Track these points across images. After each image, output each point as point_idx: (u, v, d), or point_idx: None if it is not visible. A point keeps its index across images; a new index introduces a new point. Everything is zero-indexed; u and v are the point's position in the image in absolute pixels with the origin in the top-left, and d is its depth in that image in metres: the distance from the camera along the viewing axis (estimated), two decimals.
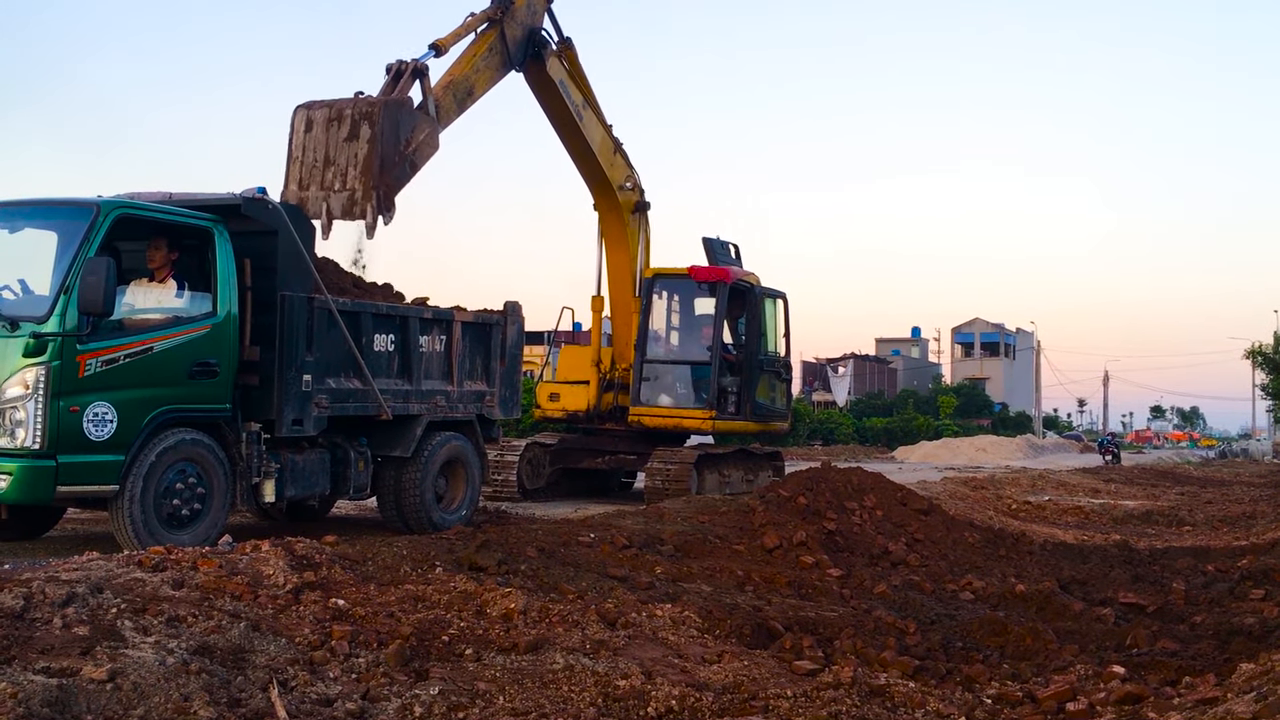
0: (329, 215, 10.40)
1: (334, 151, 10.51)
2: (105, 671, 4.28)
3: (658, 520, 10.27)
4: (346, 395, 9.86)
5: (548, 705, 4.78)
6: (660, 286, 15.99)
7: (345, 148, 10.47)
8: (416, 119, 10.98)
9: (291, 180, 10.65)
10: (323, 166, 10.51)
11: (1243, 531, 14.54)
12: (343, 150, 10.48)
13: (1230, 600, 8.46)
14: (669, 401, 15.63)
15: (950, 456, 39.85)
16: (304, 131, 10.66)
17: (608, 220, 15.41)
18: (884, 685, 5.38)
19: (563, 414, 16.01)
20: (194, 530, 8.53)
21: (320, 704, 4.58)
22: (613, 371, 15.85)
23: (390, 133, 10.54)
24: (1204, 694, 5.02)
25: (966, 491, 18.24)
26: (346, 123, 10.52)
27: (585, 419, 15.93)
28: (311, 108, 10.72)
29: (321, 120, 10.62)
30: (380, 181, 10.40)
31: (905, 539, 10.50)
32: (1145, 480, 27.14)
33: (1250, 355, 52.57)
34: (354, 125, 10.49)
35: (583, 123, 14.20)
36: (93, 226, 8.11)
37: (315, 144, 10.57)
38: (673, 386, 15.76)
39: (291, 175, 10.66)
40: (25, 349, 7.79)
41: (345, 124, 10.52)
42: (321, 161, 10.53)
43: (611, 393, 15.86)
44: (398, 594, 6.24)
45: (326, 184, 10.46)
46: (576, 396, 15.92)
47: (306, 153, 10.60)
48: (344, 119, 10.53)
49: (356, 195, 10.33)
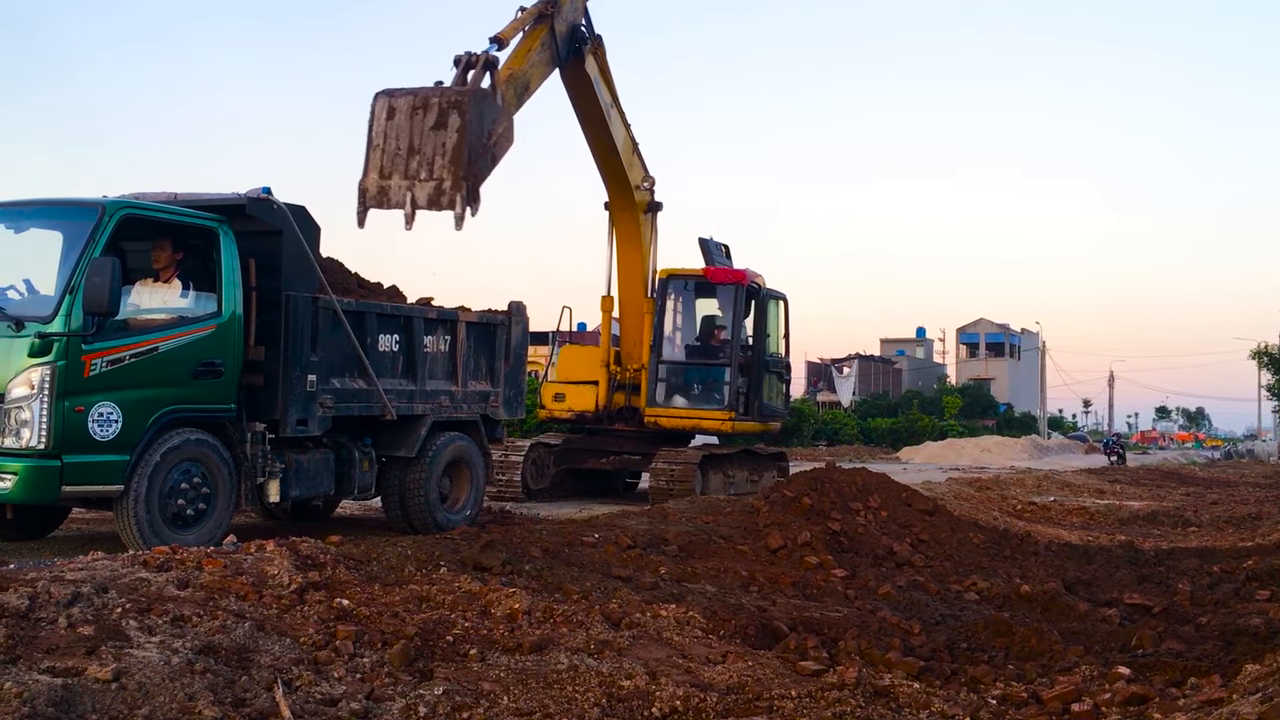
0: (413, 205, 10.09)
1: (419, 140, 10.16)
2: (110, 671, 4.29)
3: (662, 521, 10.27)
4: (351, 395, 9.86)
5: (552, 706, 4.78)
6: (674, 287, 16.01)
7: (432, 137, 10.14)
8: (497, 111, 10.73)
9: (372, 169, 10.30)
10: (406, 155, 10.18)
11: (1248, 532, 14.51)
12: (429, 139, 10.14)
13: (1236, 601, 8.44)
14: (687, 403, 15.73)
15: (955, 457, 39.79)
16: (385, 119, 10.29)
17: (621, 219, 15.34)
18: (889, 686, 5.38)
19: (570, 414, 16.00)
20: (199, 530, 8.54)
21: (325, 704, 4.58)
22: (624, 372, 15.82)
23: (477, 123, 10.26)
24: (1209, 695, 5.01)
25: (971, 492, 18.22)
26: (434, 111, 10.19)
27: (594, 419, 15.92)
28: (394, 95, 10.37)
29: (405, 108, 10.27)
30: (469, 172, 10.12)
31: (910, 540, 10.50)
32: (1150, 481, 27.10)
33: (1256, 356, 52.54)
34: (441, 114, 10.17)
35: (610, 121, 14.08)
36: (98, 227, 8.12)
37: (399, 132, 10.21)
38: (691, 387, 15.87)
39: (372, 163, 10.31)
40: (30, 349, 7.80)
41: (432, 112, 10.19)
42: (405, 150, 10.19)
43: (621, 393, 15.84)
44: (402, 594, 6.25)
45: (411, 173, 10.14)
46: (584, 396, 15.91)
47: (388, 140, 10.24)
48: (430, 107, 10.20)
49: (444, 185, 10.01)
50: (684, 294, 16.28)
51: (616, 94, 14.27)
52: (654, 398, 15.56)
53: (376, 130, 10.32)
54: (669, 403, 15.63)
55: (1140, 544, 12.55)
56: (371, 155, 10.33)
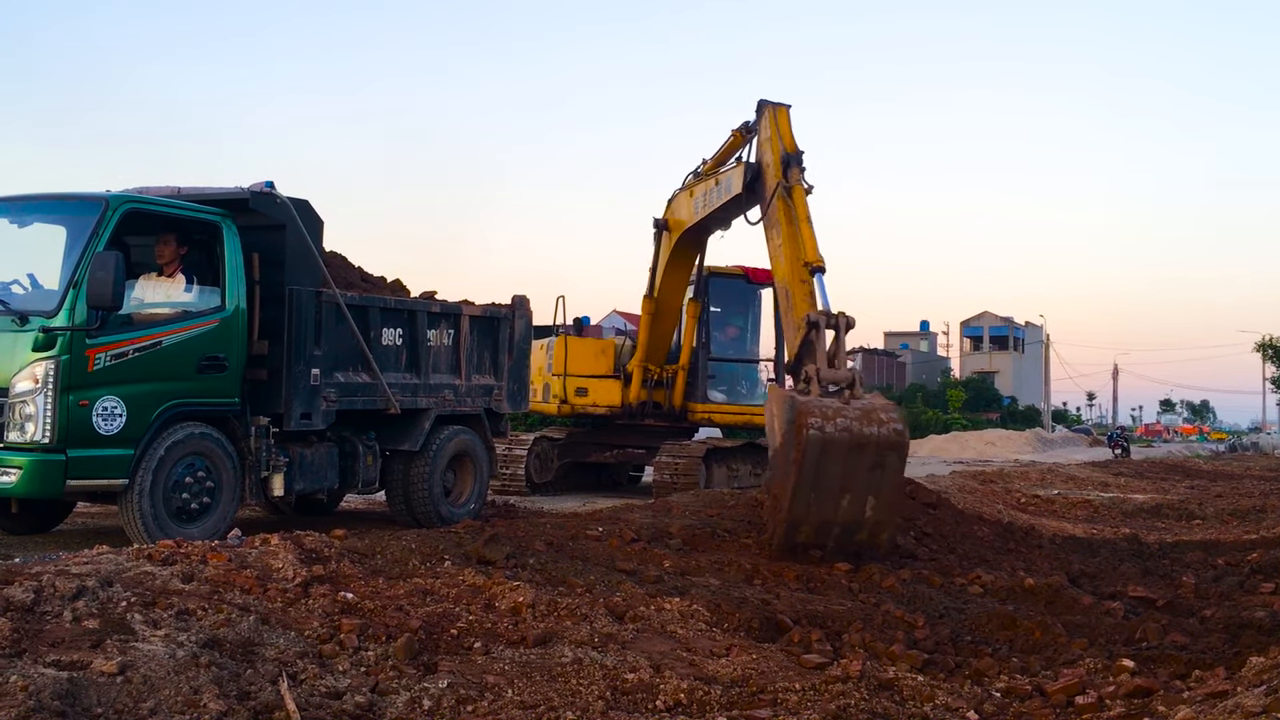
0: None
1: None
2: (115, 665, 4.29)
3: (666, 514, 10.27)
4: (354, 389, 9.87)
5: (556, 698, 4.78)
6: (714, 286, 16.16)
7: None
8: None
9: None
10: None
11: (1253, 525, 14.49)
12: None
13: (1240, 594, 8.44)
14: (735, 399, 16.20)
15: (959, 450, 39.81)
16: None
17: (700, 242, 15.12)
18: (892, 679, 5.38)
19: (597, 409, 15.99)
20: (203, 524, 8.56)
21: (329, 697, 4.58)
22: (660, 370, 15.88)
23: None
24: (1214, 688, 5.00)
25: (975, 485, 18.21)
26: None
27: (624, 414, 15.95)
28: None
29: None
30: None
31: (914, 533, 10.47)
32: (1155, 474, 27.05)
33: (1261, 348, 52.53)
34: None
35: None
36: (101, 221, 8.13)
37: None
38: (739, 383, 16.40)
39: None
40: (34, 343, 7.81)
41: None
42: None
43: (646, 389, 15.88)
44: (406, 587, 6.25)
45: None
46: (609, 391, 15.94)
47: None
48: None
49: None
50: (725, 292, 16.46)
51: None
52: (703, 394, 15.84)
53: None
54: (716, 399, 15.99)
55: (1145, 537, 12.53)
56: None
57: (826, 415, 8.65)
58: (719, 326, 16.30)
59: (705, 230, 14.21)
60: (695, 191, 13.55)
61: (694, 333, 15.89)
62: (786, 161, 10.87)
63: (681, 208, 14.12)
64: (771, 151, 11.07)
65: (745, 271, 16.31)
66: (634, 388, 15.82)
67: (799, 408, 8.65)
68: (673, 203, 14.45)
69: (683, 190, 14.05)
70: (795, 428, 8.56)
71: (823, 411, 8.67)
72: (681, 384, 15.84)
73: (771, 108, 11.35)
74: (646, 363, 15.79)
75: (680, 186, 14.16)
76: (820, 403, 8.87)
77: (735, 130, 12.37)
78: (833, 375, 9.44)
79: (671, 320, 15.93)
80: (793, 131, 11.20)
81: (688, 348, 15.90)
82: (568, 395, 16.04)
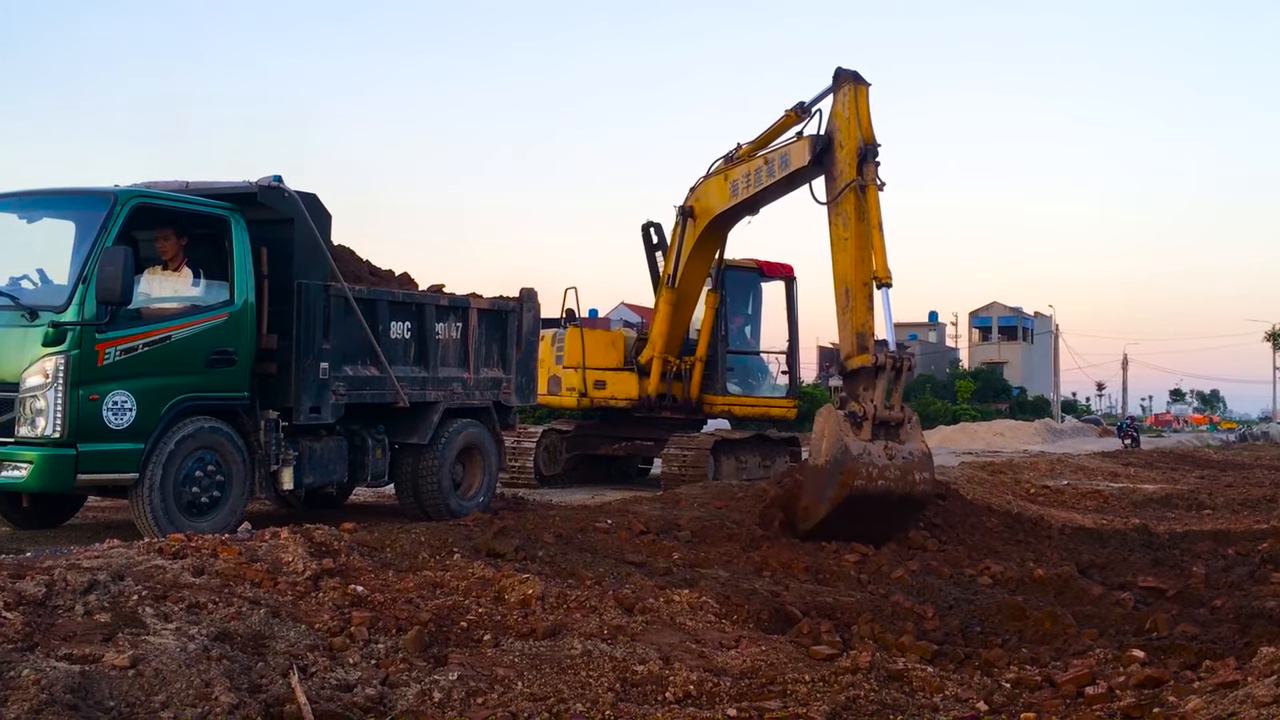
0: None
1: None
2: (127, 658, 4.31)
3: (675, 506, 10.28)
4: (363, 383, 9.89)
5: (566, 690, 4.79)
6: (730, 279, 16.12)
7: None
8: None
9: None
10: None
11: (1263, 515, 14.44)
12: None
13: (1251, 584, 8.42)
14: (752, 391, 16.34)
15: (968, 441, 39.74)
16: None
17: (724, 231, 15.11)
18: (902, 670, 5.38)
19: (616, 401, 15.90)
20: (213, 518, 8.58)
21: (340, 690, 4.60)
22: (678, 362, 15.82)
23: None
24: (1224, 678, 4.99)
25: (984, 476, 18.17)
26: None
27: (642, 407, 15.90)
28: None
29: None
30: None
31: (923, 524, 10.47)
32: (1165, 464, 26.99)
33: (1270, 338, 52.34)
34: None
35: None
36: (110, 216, 8.14)
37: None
38: (755, 376, 16.55)
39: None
40: (44, 338, 7.83)
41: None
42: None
43: (665, 381, 15.84)
44: (416, 580, 6.27)
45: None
46: (627, 384, 15.89)
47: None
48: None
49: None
50: (739, 285, 16.46)
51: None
52: (723, 387, 15.88)
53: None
54: (733, 391, 16.05)
55: (1154, 527, 12.50)
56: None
57: (870, 477, 9.75)
58: (733, 318, 16.29)
59: (736, 216, 14.12)
60: (732, 175, 13.44)
61: (711, 325, 15.83)
62: (864, 154, 10.71)
63: (712, 193, 14.01)
64: (848, 133, 10.88)
65: (759, 265, 16.32)
66: (653, 380, 15.71)
67: (848, 466, 9.65)
68: (699, 189, 14.30)
69: (714, 175, 13.95)
70: (841, 479, 9.64)
71: (868, 473, 9.74)
72: (699, 376, 15.78)
73: (852, 84, 11.00)
74: (665, 354, 15.71)
75: (707, 173, 14.06)
76: (868, 459, 9.80)
77: (789, 110, 12.18)
78: (887, 415, 10.12)
79: (691, 311, 15.88)
80: (871, 118, 10.93)
81: (705, 340, 15.84)
82: (588, 388, 15.79)
